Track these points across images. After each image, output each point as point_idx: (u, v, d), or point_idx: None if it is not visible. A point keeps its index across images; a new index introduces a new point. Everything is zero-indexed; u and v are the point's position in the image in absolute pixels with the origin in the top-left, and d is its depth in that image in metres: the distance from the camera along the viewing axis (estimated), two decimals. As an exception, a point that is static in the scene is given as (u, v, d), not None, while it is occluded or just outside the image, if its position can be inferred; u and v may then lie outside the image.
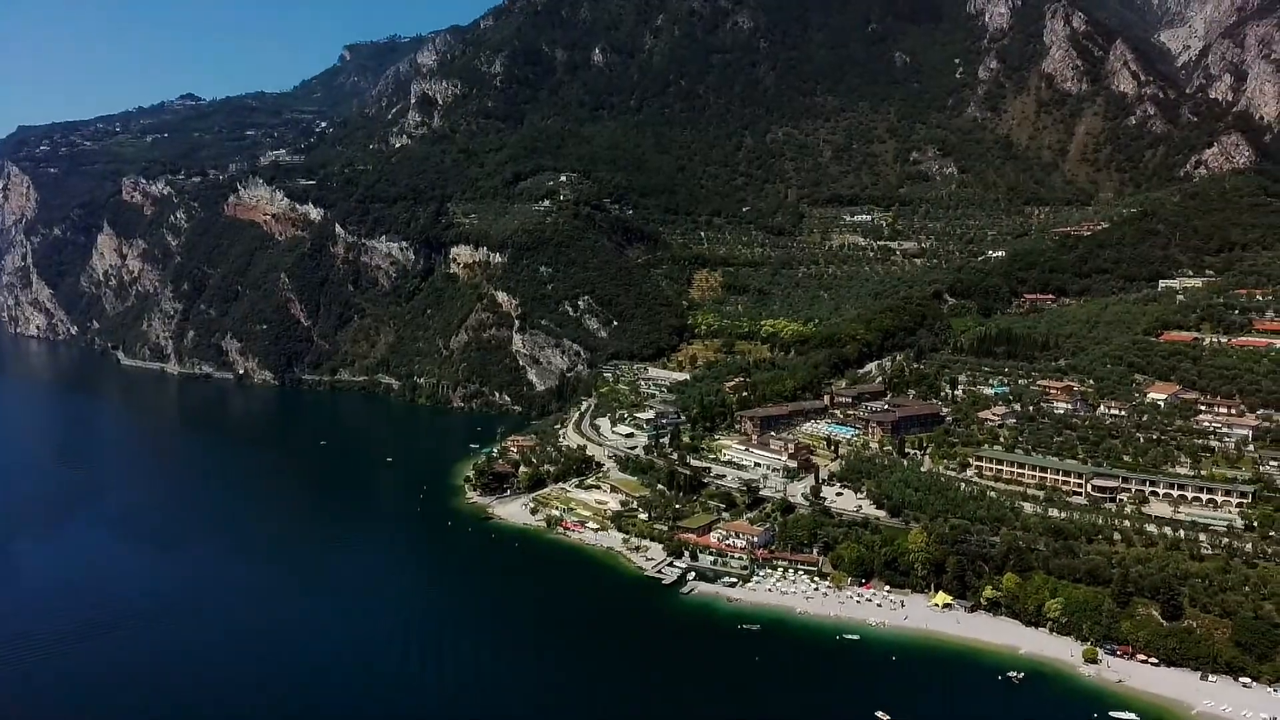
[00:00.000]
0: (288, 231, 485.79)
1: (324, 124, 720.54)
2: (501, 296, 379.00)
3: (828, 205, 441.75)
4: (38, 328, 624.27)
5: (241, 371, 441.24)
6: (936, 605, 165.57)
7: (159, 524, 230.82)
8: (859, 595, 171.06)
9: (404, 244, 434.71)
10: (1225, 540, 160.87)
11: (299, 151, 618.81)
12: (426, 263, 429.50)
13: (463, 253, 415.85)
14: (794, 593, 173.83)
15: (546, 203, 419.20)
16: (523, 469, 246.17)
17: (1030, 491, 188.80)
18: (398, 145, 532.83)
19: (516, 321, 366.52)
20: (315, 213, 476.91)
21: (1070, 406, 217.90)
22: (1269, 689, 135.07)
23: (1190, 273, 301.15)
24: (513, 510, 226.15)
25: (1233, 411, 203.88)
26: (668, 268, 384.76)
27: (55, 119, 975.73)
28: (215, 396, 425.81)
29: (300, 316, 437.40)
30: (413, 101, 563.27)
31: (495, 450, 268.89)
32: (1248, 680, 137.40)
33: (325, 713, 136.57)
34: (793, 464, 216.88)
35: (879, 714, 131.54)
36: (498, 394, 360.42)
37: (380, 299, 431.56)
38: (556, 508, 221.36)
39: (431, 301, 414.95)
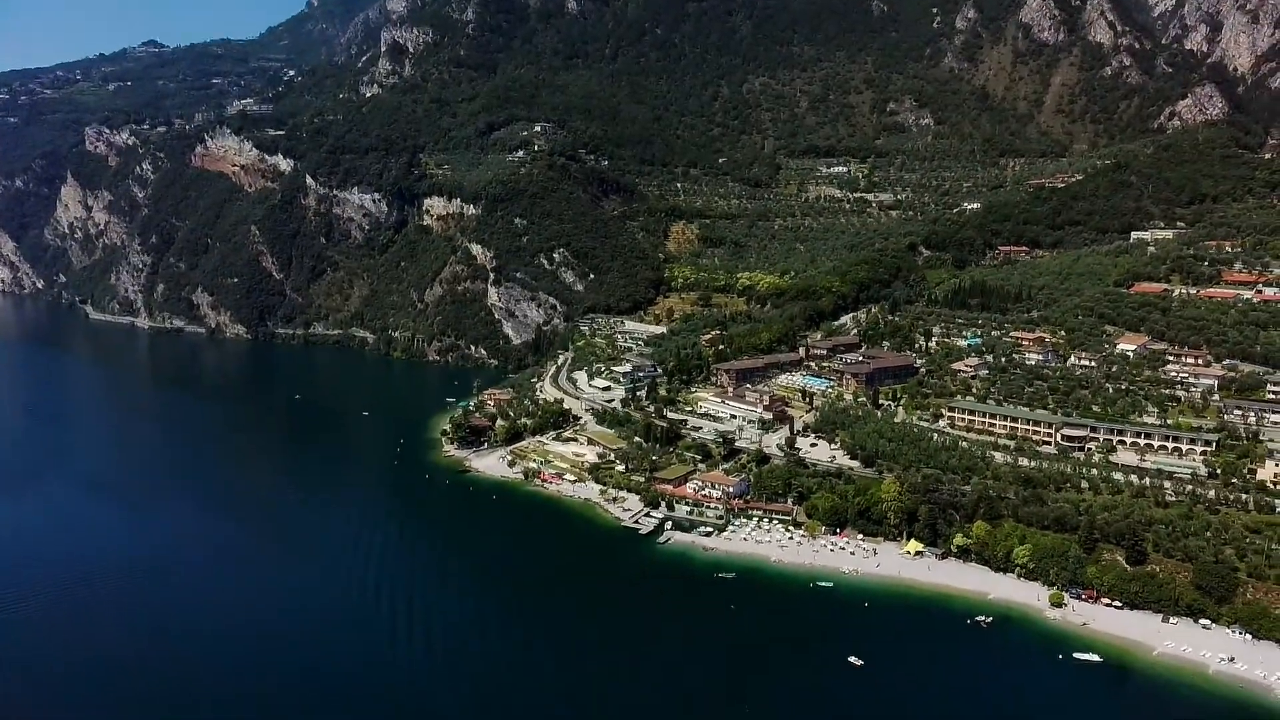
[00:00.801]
0: (257, 183, 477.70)
1: (292, 72, 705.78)
2: (476, 249, 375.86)
3: (804, 157, 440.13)
4: (2, 281, 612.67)
5: (213, 325, 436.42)
6: (908, 553, 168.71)
7: (132, 481, 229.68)
8: (832, 544, 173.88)
9: (376, 196, 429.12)
10: (1189, 487, 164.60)
11: (267, 101, 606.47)
12: (399, 214, 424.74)
13: (436, 204, 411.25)
14: (769, 542, 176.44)
15: (520, 153, 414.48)
16: (500, 422, 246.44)
17: (1001, 441, 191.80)
18: (368, 95, 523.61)
19: (491, 274, 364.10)
20: (285, 164, 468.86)
21: (1041, 357, 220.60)
22: (1227, 630, 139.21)
23: (1162, 225, 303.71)
24: (490, 463, 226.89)
25: (1199, 362, 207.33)
26: (644, 220, 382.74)
27: (13, 66, 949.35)
28: (187, 351, 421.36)
29: (272, 269, 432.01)
30: (383, 49, 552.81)
31: (472, 404, 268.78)
32: (1207, 622, 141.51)
33: (303, 667, 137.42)
34: (768, 416, 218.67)
35: (852, 659, 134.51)
36: (473, 347, 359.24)
37: (353, 251, 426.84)
38: (534, 460, 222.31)
39: (405, 254, 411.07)
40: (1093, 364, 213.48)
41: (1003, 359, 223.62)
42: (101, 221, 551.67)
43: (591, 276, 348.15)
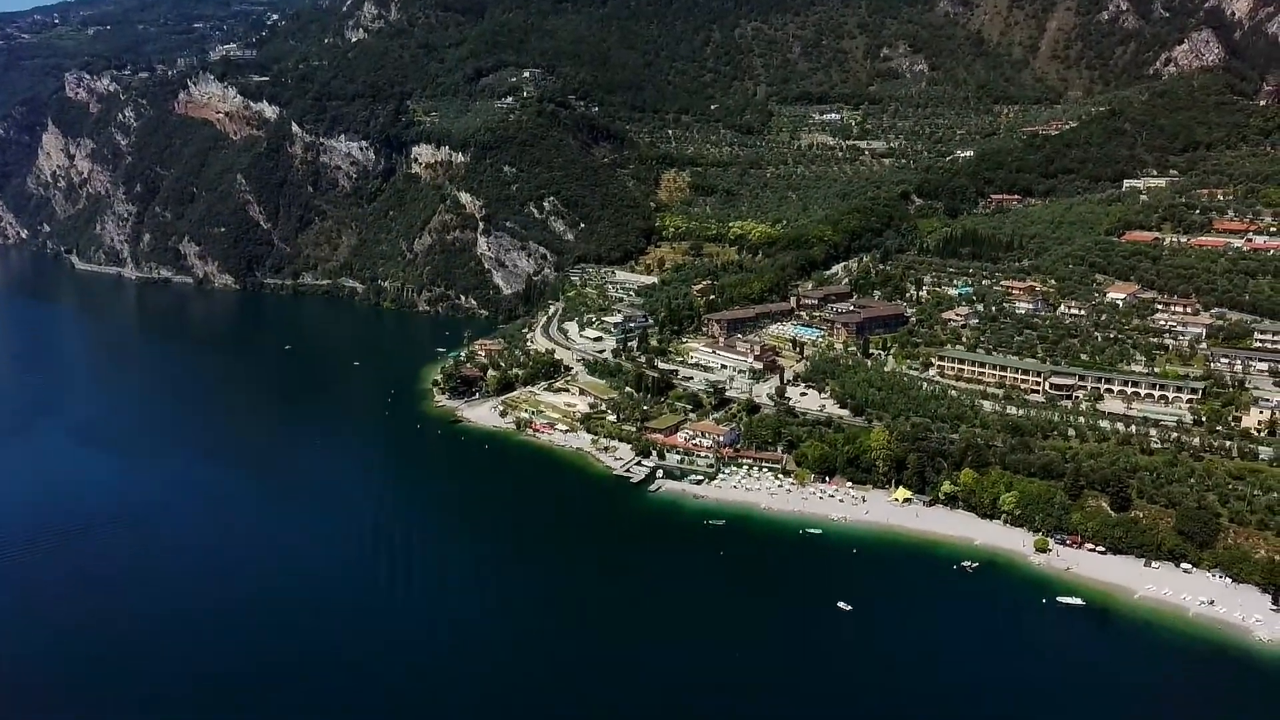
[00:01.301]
0: (242, 130, 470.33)
1: (275, 17, 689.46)
2: (465, 197, 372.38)
3: (796, 103, 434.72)
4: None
5: (201, 276, 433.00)
6: (897, 500, 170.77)
7: (123, 431, 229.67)
8: (821, 491, 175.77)
9: (364, 143, 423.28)
10: (1174, 435, 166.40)
11: (250, 46, 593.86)
12: (387, 163, 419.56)
13: (424, 152, 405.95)
14: (758, 489, 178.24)
15: (509, 100, 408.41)
16: (491, 373, 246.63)
17: (990, 390, 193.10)
18: (354, 40, 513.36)
19: (481, 223, 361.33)
20: (270, 111, 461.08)
21: (1032, 306, 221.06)
22: (1208, 574, 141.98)
23: (1154, 172, 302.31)
24: (481, 413, 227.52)
25: (1188, 310, 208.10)
26: (634, 168, 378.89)
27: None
28: (175, 302, 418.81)
29: (259, 219, 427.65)
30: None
31: (463, 354, 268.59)
32: (1188, 566, 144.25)
33: (299, 610, 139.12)
34: (759, 366, 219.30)
35: (840, 604, 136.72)
36: (463, 297, 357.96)
37: (341, 200, 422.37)
38: (525, 410, 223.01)
39: (393, 203, 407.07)
40: (1082, 313, 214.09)
41: (993, 308, 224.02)
42: (84, 170, 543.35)
43: (582, 225, 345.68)
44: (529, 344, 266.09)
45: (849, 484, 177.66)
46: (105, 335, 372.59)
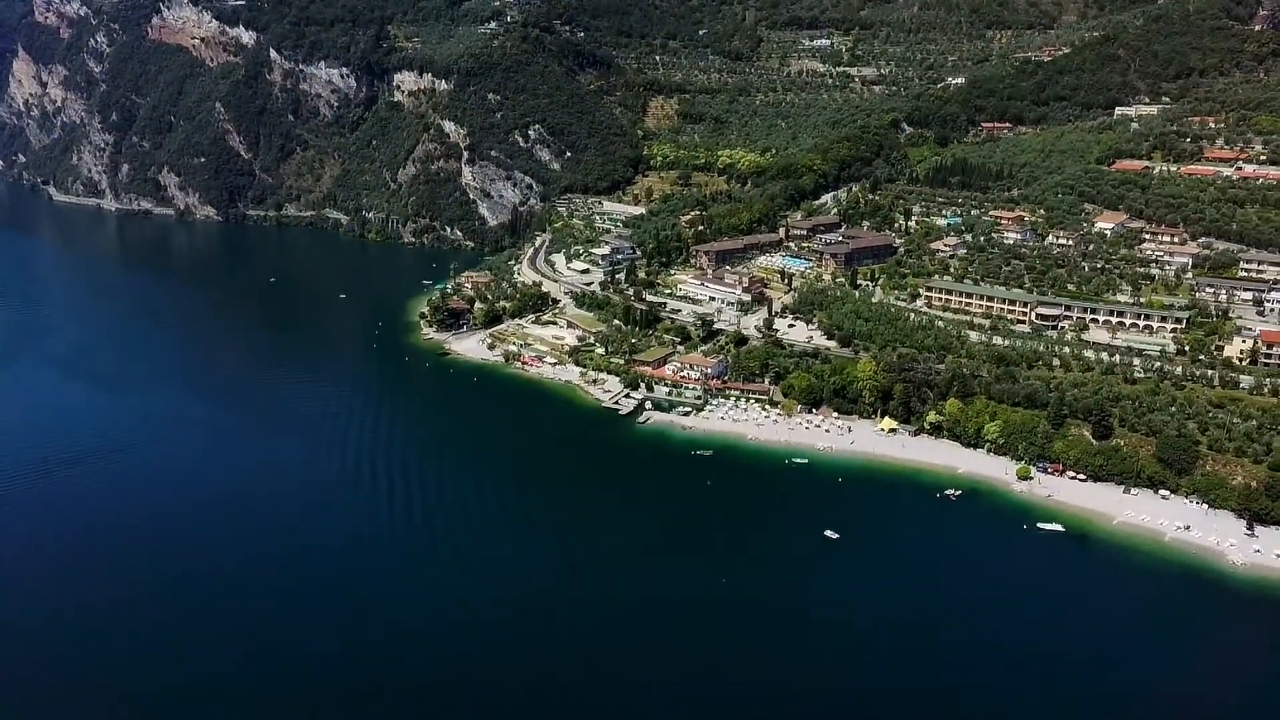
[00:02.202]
0: (219, 57, 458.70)
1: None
2: (449, 126, 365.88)
3: (786, 29, 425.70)
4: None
5: (182, 207, 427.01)
6: (882, 430, 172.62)
7: (108, 363, 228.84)
8: (808, 422, 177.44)
9: (344, 70, 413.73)
10: (1157, 364, 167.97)
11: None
12: (369, 90, 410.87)
13: (407, 79, 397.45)
14: (746, 420, 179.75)
15: (493, 24, 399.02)
16: (478, 305, 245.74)
17: (977, 321, 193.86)
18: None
19: (465, 153, 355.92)
20: (247, 36, 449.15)
21: (1020, 236, 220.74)
22: (1185, 500, 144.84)
23: (1147, 100, 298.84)
24: (469, 346, 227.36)
25: (1175, 239, 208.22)
26: (621, 95, 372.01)
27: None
28: (157, 234, 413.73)
29: (240, 149, 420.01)
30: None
31: (449, 286, 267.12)
32: (1166, 493, 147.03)
33: (289, 538, 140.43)
34: (747, 298, 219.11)
35: (828, 532, 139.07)
36: (449, 229, 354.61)
37: (323, 130, 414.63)
38: (514, 343, 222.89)
39: (376, 132, 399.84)
40: (1070, 243, 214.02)
41: (981, 238, 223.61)
42: (58, 98, 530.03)
43: (568, 154, 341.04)
44: (516, 276, 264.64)
45: (835, 414, 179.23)
46: (87, 268, 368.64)
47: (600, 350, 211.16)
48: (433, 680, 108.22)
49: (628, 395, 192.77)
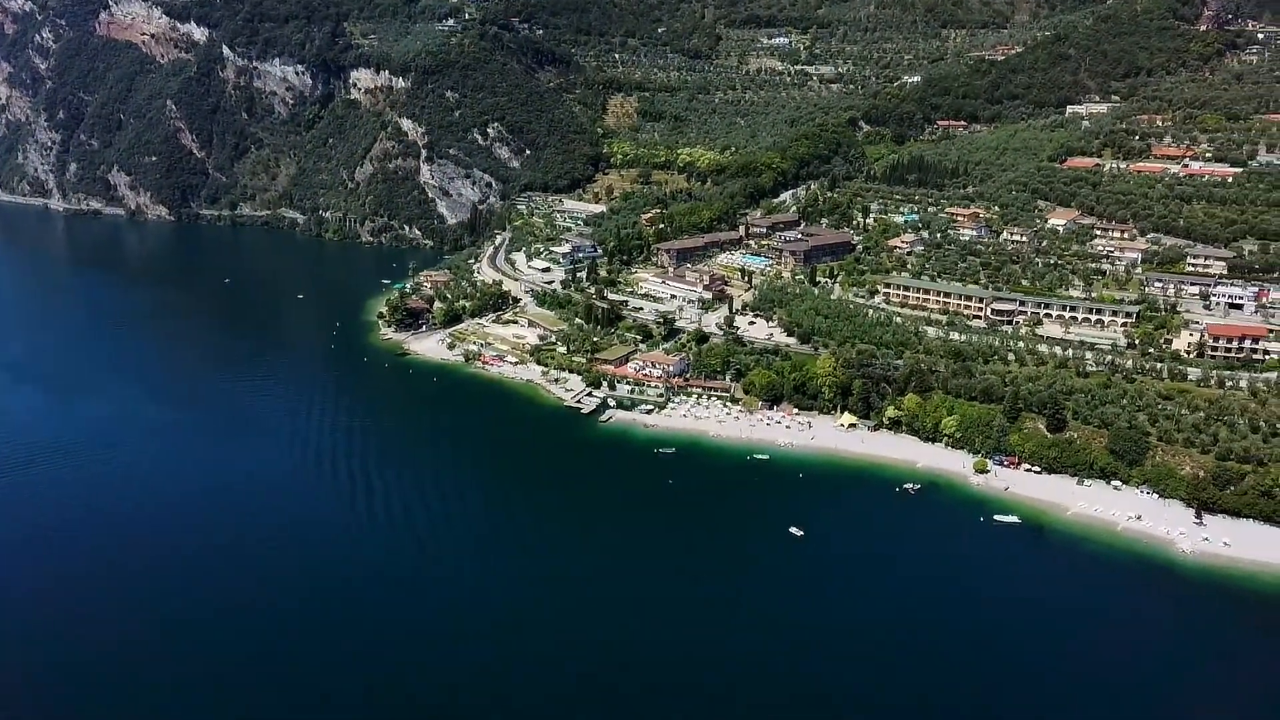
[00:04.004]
0: (170, 54, 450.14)
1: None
2: (406, 124, 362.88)
3: (745, 27, 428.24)
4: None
5: (133, 207, 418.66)
6: (842, 426, 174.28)
7: (59, 367, 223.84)
8: (769, 419, 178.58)
9: (300, 68, 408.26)
10: (1109, 358, 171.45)
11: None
12: (325, 88, 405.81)
13: (363, 77, 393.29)
14: (707, 418, 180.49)
15: (450, 22, 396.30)
16: (438, 304, 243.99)
17: (934, 316, 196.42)
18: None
19: (423, 151, 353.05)
20: (199, 32, 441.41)
21: (975, 233, 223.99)
22: (1137, 491, 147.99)
23: (1097, 98, 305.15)
24: (429, 346, 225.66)
25: (1125, 235, 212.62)
26: (581, 92, 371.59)
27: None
28: (107, 234, 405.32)
29: (192, 147, 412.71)
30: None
31: (408, 286, 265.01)
32: (1118, 484, 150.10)
33: (250, 541, 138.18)
34: (708, 295, 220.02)
35: (793, 529, 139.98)
36: (407, 227, 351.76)
37: (278, 128, 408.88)
38: (474, 343, 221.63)
39: (333, 130, 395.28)
40: (1024, 239, 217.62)
41: (938, 235, 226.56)
42: (2, 95, 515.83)
43: (528, 152, 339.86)
44: (476, 275, 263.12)
45: (796, 411, 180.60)
46: (35, 270, 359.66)
47: (562, 349, 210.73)
48: (383, 683, 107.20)
49: (590, 394, 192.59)
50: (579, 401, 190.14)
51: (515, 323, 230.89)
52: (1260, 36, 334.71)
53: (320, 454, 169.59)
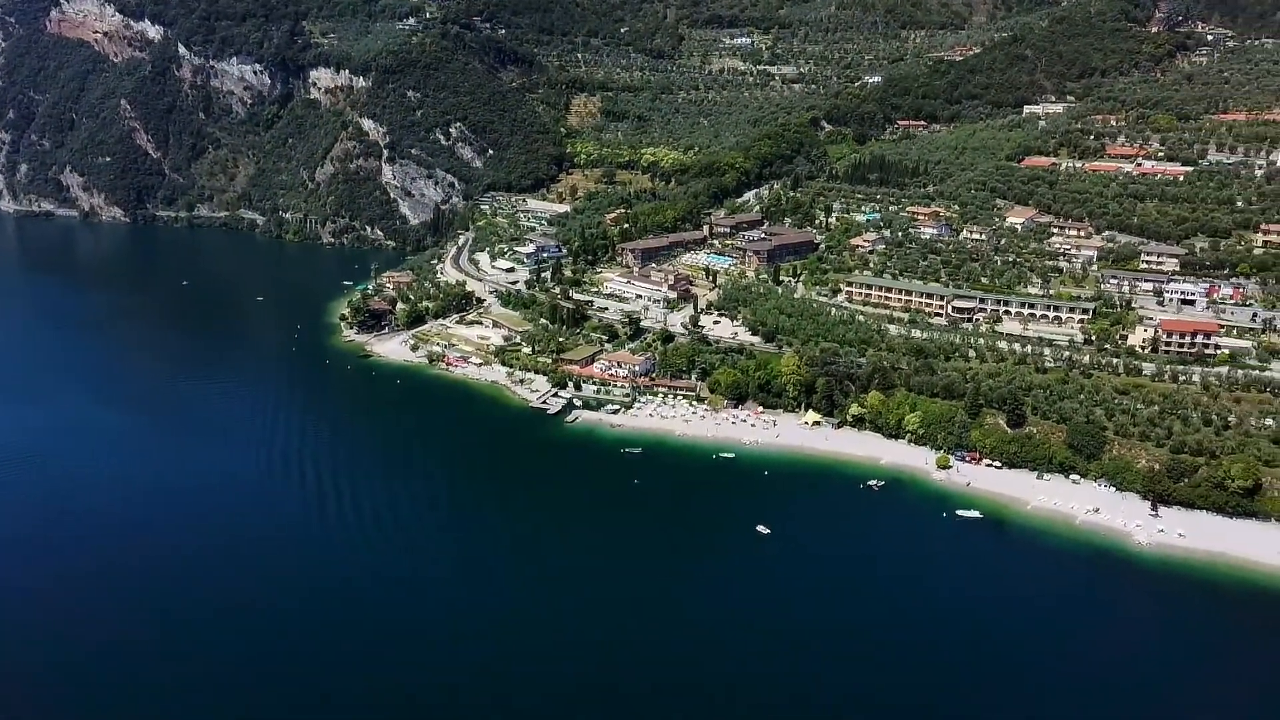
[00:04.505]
0: (124, 52, 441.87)
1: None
2: (368, 124, 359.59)
3: (707, 27, 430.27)
4: None
5: (87, 209, 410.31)
6: (807, 424, 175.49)
7: (11, 372, 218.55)
8: (734, 417, 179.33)
9: (258, 67, 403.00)
10: (1066, 354, 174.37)
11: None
12: (284, 87, 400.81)
13: (323, 76, 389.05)
14: (673, 417, 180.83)
15: (411, 21, 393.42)
16: (400, 306, 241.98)
17: (896, 314, 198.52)
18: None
19: (385, 151, 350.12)
20: (154, 31, 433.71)
21: (936, 231, 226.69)
22: (1095, 484, 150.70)
23: (1053, 98, 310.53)
24: (392, 348, 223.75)
25: (1081, 233, 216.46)
26: (544, 92, 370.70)
27: None
28: (60, 236, 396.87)
29: (148, 148, 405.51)
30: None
31: (370, 287, 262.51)
32: (1077, 478, 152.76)
33: (212, 548, 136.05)
34: (673, 295, 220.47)
35: (759, 527, 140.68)
36: (369, 229, 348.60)
37: (236, 128, 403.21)
38: (438, 344, 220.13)
39: (292, 130, 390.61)
40: (983, 238, 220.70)
41: (899, 234, 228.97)
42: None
43: (491, 152, 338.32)
44: (439, 275, 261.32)
45: (761, 409, 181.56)
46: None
47: (527, 349, 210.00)
48: (350, 691, 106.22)
49: (555, 394, 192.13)
50: (544, 402, 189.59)
51: (479, 323, 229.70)
52: (1209, 38, 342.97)
53: (283, 458, 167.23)
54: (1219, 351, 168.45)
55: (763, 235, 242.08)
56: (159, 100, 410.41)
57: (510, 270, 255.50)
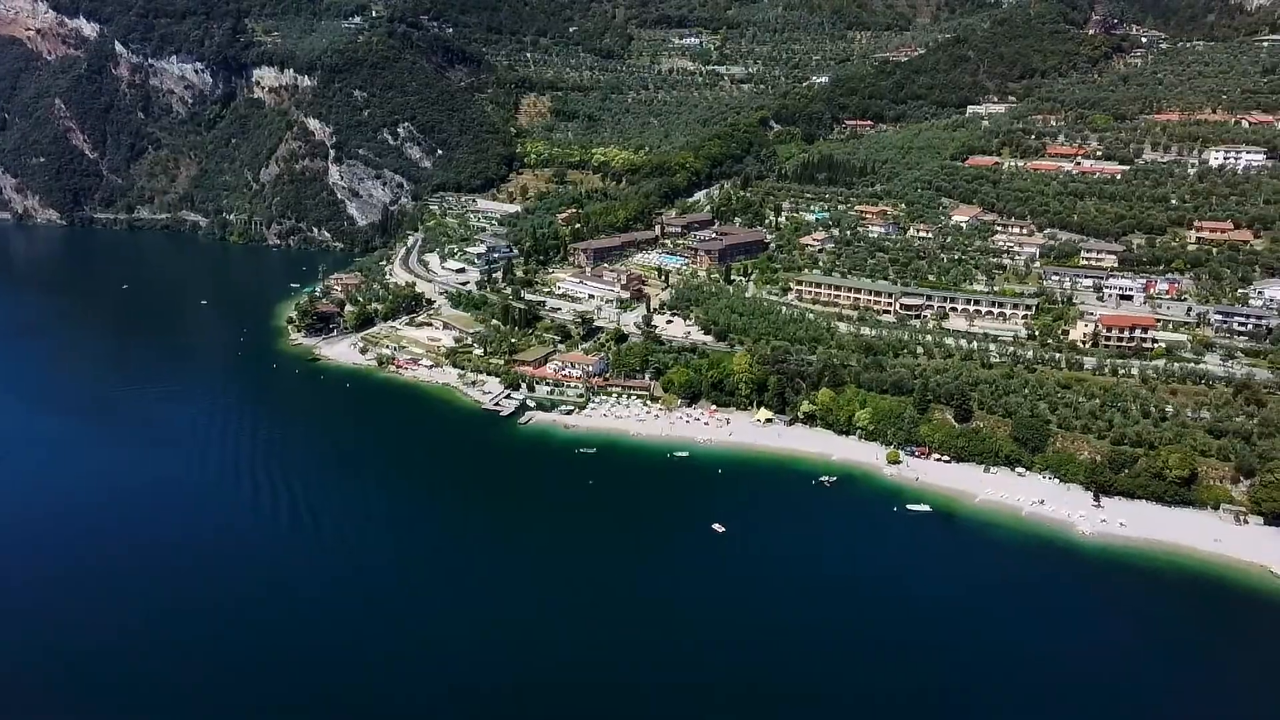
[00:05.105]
0: (58, 50, 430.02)
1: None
2: (313, 124, 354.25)
3: (656, 27, 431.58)
4: None
5: (20, 211, 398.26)
6: (759, 421, 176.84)
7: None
8: (688, 416, 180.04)
9: (199, 65, 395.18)
10: (1011, 349, 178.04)
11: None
12: (226, 86, 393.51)
13: (267, 75, 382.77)
14: (627, 417, 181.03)
15: (357, 19, 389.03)
16: (349, 308, 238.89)
17: (845, 312, 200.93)
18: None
19: (331, 151, 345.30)
20: (90, 28, 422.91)
21: (883, 230, 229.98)
22: (1039, 476, 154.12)
23: (995, 99, 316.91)
24: (341, 350, 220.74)
25: (1023, 231, 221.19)
26: (493, 92, 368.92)
27: None
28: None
29: (84, 148, 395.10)
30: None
31: (318, 289, 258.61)
32: (1023, 470, 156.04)
33: (153, 555, 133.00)
34: (625, 295, 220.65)
35: (715, 526, 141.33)
36: (316, 230, 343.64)
37: (177, 127, 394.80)
38: (388, 346, 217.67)
39: (236, 130, 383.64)
40: (929, 235, 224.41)
41: (847, 232, 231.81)
42: None
43: (440, 152, 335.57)
44: (388, 277, 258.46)
45: (713, 407, 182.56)
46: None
47: (479, 351, 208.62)
48: (291, 695, 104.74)
49: (508, 396, 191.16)
50: (497, 404, 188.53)
51: (430, 325, 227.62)
52: (1144, 40, 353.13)
53: (229, 464, 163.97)
54: (1156, 345, 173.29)
55: (714, 235, 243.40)
56: (95, 99, 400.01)
57: (461, 271, 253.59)
